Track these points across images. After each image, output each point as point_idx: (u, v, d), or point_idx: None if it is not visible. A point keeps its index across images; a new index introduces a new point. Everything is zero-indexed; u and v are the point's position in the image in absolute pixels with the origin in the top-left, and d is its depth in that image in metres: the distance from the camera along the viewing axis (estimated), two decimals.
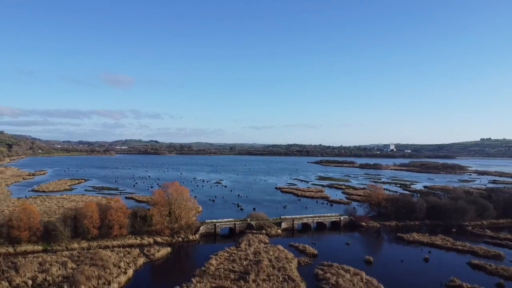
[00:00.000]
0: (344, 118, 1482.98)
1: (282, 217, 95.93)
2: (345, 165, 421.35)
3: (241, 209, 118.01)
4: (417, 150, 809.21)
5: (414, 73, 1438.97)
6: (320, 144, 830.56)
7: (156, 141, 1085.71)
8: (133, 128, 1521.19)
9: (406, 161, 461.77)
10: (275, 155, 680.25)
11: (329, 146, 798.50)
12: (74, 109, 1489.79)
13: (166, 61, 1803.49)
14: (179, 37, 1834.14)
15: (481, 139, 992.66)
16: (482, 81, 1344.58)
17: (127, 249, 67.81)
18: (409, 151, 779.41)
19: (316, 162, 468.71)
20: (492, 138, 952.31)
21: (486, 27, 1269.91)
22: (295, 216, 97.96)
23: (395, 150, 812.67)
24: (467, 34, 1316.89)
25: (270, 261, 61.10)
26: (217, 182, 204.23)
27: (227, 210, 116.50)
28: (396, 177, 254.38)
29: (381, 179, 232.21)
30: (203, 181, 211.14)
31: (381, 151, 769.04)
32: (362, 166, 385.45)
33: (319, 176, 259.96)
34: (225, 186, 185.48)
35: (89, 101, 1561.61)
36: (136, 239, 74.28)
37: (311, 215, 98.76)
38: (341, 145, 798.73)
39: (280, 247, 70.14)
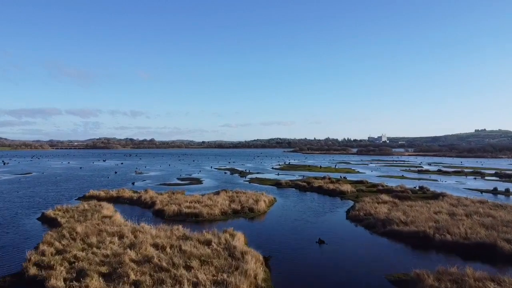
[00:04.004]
0: (314, 116, 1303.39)
1: None
2: (335, 152, 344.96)
3: None
4: (411, 142, 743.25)
5: (406, 65, 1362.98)
6: (305, 138, 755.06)
7: (131, 139, 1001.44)
8: (113, 129, 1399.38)
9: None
10: (251, 147, 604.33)
11: (314, 139, 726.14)
12: (40, 108, 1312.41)
13: (141, 58, 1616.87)
14: (145, 32, 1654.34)
15: (475, 130, 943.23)
16: (474, 73, 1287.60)
17: None
18: (403, 142, 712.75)
19: (293, 151, 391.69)
20: (487, 129, 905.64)
21: (482, 23, 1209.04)
22: None
23: (388, 142, 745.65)
24: (460, 24, 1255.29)
25: None
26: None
27: None
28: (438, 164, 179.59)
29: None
30: None
31: (373, 143, 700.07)
32: (361, 152, 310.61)
33: (284, 163, 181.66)
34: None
35: (58, 99, 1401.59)
36: None
37: None
38: (328, 137, 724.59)
39: None
